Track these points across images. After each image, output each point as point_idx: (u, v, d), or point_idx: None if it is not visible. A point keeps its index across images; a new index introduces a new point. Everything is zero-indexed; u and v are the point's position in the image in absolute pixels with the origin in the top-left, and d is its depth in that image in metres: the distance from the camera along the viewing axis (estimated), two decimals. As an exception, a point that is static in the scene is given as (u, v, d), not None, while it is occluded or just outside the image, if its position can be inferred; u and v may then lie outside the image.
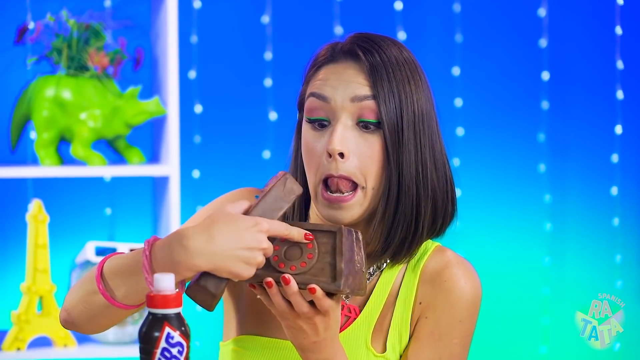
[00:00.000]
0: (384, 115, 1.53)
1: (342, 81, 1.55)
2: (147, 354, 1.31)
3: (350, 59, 1.58)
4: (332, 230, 1.43)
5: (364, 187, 1.53)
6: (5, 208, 3.14)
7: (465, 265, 1.60)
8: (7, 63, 2.76)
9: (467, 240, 3.42)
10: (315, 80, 1.58)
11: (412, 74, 1.59)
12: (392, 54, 1.59)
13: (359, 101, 1.54)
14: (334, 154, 1.52)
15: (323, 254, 1.42)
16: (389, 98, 1.55)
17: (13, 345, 2.62)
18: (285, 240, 1.43)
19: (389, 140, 1.54)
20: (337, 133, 1.52)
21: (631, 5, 3.44)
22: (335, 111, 1.54)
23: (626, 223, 3.48)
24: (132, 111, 2.68)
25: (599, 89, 3.49)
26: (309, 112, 1.56)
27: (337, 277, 1.41)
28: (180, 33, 2.69)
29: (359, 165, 1.53)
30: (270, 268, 1.42)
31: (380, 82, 1.55)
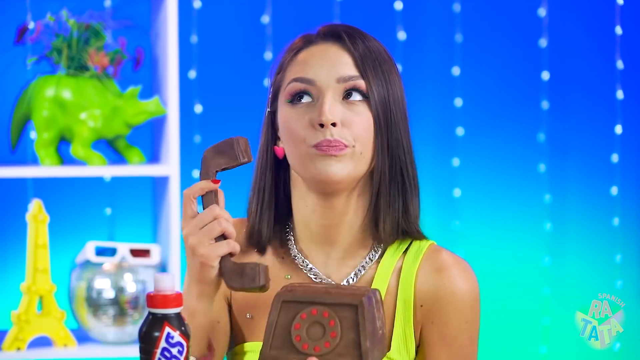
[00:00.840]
0: (374, 92, 1.53)
1: (327, 61, 1.54)
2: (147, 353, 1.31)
3: (332, 40, 1.57)
4: (354, 303, 1.39)
5: (353, 146, 1.52)
6: (5, 208, 3.14)
7: (462, 265, 1.60)
8: (7, 63, 2.76)
9: (467, 240, 3.42)
10: (295, 65, 1.56)
11: (391, 64, 1.59)
12: (373, 42, 1.58)
13: (345, 82, 1.53)
14: (327, 123, 1.50)
15: (346, 330, 1.39)
16: (375, 76, 1.54)
17: (13, 345, 2.62)
18: (306, 317, 1.40)
19: (380, 112, 1.54)
20: (327, 105, 1.51)
21: (631, 5, 3.43)
22: (321, 90, 1.53)
23: (626, 223, 3.48)
24: (132, 111, 2.68)
25: (599, 89, 3.49)
26: (291, 94, 1.55)
27: (362, 356, 1.38)
28: (180, 33, 2.69)
29: (350, 132, 1.52)
30: (294, 349, 1.40)
31: (366, 60, 1.54)
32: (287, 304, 1.41)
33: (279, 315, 1.41)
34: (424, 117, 3.44)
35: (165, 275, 1.32)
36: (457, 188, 3.44)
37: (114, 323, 2.67)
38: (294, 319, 1.40)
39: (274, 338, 1.41)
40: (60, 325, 2.66)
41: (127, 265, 2.69)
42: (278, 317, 1.41)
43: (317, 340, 1.40)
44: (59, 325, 2.65)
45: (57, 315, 2.65)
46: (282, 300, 1.41)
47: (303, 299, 1.41)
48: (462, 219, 3.45)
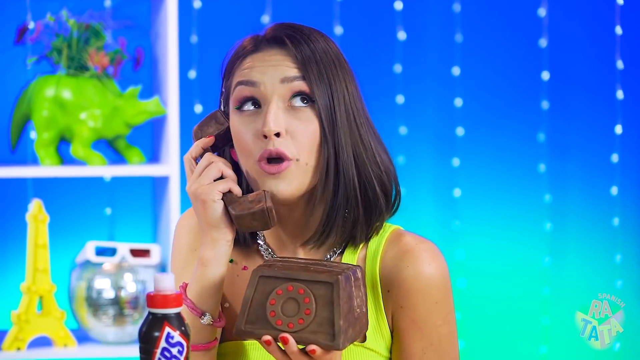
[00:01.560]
0: (316, 94, 1.53)
1: (270, 65, 1.55)
2: (147, 353, 1.31)
3: (276, 45, 1.57)
4: (329, 281, 1.39)
5: (298, 160, 1.52)
6: (5, 208, 3.14)
7: (425, 246, 1.57)
8: (7, 63, 2.76)
9: (467, 240, 3.42)
10: (241, 70, 1.57)
11: (338, 61, 1.57)
12: (318, 41, 1.57)
13: (289, 82, 1.53)
14: (270, 134, 1.51)
15: (320, 307, 1.39)
16: (319, 79, 1.54)
17: (13, 345, 2.62)
18: (282, 293, 1.40)
19: (324, 117, 1.53)
20: (271, 114, 1.51)
21: (631, 5, 3.43)
22: (265, 95, 1.53)
23: (626, 223, 3.48)
24: (132, 111, 2.68)
25: (599, 89, 3.49)
26: (238, 100, 1.55)
27: (335, 335, 1.39)
28: (180, 33, 2.69)
29: (295, 143, 1.52)
30: (268, 324, 1.40)
31: (309, 64, 1.54)
32: (264, 279, 1.42)
33: (255, 290, 1.42)
34: (424, 117, 3.44)
35: (165, 275, 1.32)
36: (457, 188, 3.44)
37: (114, 323, 2.67)
38: (270, 294, 1.41)
39: (249, 313, 1.41)
40: (60, 325, 2.66)
41: (127, 265, 2.69)
42: (254, 292, 1.42)
43: (291, 317, 1.40)
44: (59, 325, 2.65)
45: (57, 315, 2.65)
46: (260, 275, 1.42)
47: (280, 275, 1.41)
48: (462, 219, 3.45)
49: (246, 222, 1.51)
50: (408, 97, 3.37)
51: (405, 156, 3.40)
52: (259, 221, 1.50)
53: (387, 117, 3.37)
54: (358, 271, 1.45)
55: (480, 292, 3.44)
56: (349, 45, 3.34)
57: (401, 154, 3.39)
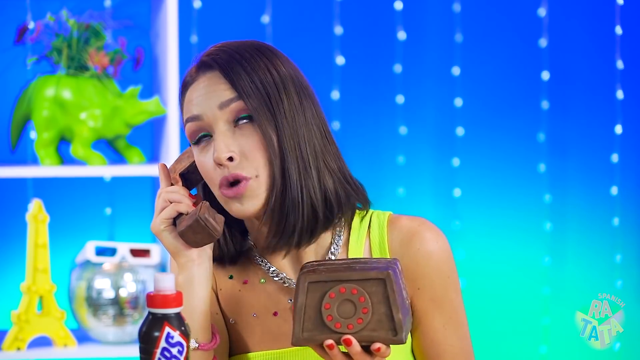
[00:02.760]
0: (252, 108, 1.53)
1: (205, 95, 1.56)
2: (147, 353, 1.31)
3: (205, 70, 1.58)
4: (381, 277, 1.40)
5: (257, 176, 1.53)
6: (5, 208, 3.14)
7: (427, 225, 1.62)
8: (7, 63, 2.76)
9: (467, 240, 3.42)
10: (185, 106, 1.60)
11: (268, 55, 1.58)
12: (243, 46, 1.59)
13: (226, 106, 1.54)
14: (222, 161, 1.53)
15: (376, 304, 1.40)
16: (253, 90, 1.54)
17: (13, 345, 2.62)
18: (335, 296, 1.41)
19: (267, 127, 1.53)
20: (219, 142, 1.54)
21: (631, 5, 3.43)
22: (211, 124, 1.55)
23: (626, 223, 3.48)
24: (132, 111, 2.68)
25: (599, 89, 3.49)
26: (191, 136, 1.58)
27: (397, 329, 1.40)
28: (180, 33, 2.69)
29: (248, 162, 1.53)
30: (326, 329, 1.41)
31: (238, 78, 1.55)
32: (314, 284, 1.42)
33: (307, 297, 1.41)
34: (424, 117, 3.44)
35: (165, 275, 1.32)
36: (457, 188, 3.44)
37: (114, 323, 2.67)
38: (323, 299, 1.41)
39: (305, 320, 1.41)
40: (60, 325, 2.66)
41: (127, 265, 2.69)
42: (306, 299, 1.41)
43: (349, 318, 1.40)
44: (59, 325, 2.65)
45: (57, 315, 2.65)
46: (309, 282, 1.42)
47: (329, 278, 1.41)
48: (462, 219, 3.44)
49: (190, 237, 1.53)
50: (408, 97, 3.37)
51: (405, 156, 3.40)
52: (201, 233, 1.52)
53: (387, 117, 3.37)
54: (398, 264, 1.46)
55: (480, 292, 3.44)
56: (349, 45, 3.35)
57: (401, 154, 3.39)
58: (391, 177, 3.38)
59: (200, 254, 1.55)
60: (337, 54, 3.31)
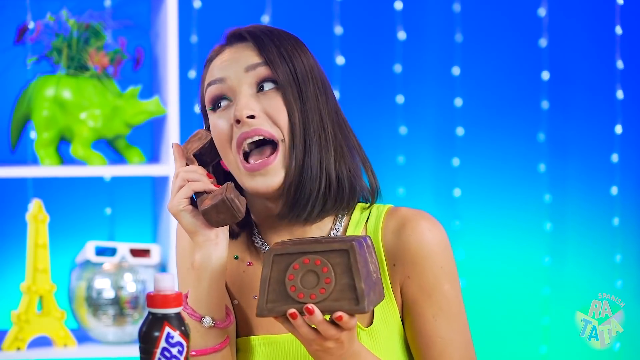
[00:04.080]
0: (279, 74, 1.55)
1: (232, 60, 1.58)
2: (147, 353, 1.31)
3: (234, 42, 1.61)
4: (344, 248, 1.41)
5: (283, 140, 1.54)
6: (5, 208, 3.14)
7: (422, 214, 1.61)
8: (7, 63, 2.76)
9: (467, 240, 3.42)
10: (208, 74, 1.61)
11: (296, 42, 1.61)
12: (274, 29, 1.61)
13: (252, 69, 1.56)
14: (242, 118, 1.53)
15: (339, 275, 1.40)
16: (280, 60, 1.56)
17: (13, 345, 2.62)
18: (299, 267, 1.41)
19: (291, 97, 1.55)
20: (242, 101, 1.54)
21: (631, 5, 3.44)
22: (233, 87, 1.56)
23: (626, 223, 3.48)
24: (132, 111, 2.68)
25: (599, 89, 3.49)
26: (211, 101, 1.59)
27: (359, 298, 1.40)
28: (180, 33, 2.69)
29: (268, 120, 1.54)
30: (290, 299, 1.41)
31: (269, 47, 1.57)
32: (279, 257, 1.42)
33: (271, 269, 1.42)
34: (424, 117, 3.45)
35: (165, 275, 1.32)
36: (457, 188, 3.44)
37: (114, 323, 2.67)
38: (287, 270, 1.41)
39: (269, 292, 1.42)
40: (60, 325, 2.66)
41: (127, 265, 2.69)
42: (271, 270, 1.42)
43: (312, 289, 1.41)
44: (59, 325, 2.65)
45: (57, 315, 2.65)
46: (274, 254, 1.42)
47: (294, 250, 1.42)
48: (462, 219, 3.45)
49: (213, 217, 1.53)
50: (408, 97, 3.37)
51: (405, 156, 3.40)
52: (224, 213, 1.52)
53: (387, 117, 3.37)
54: (368, 239, 1.46)
55: (480, 292, 3.44)
56: (349, 45, 3.35)
57: (401, 154, 3.39)
58: (391, 177, 3.39)
59: (218, 233, 1.56)
60: (337, 54, 3.31)
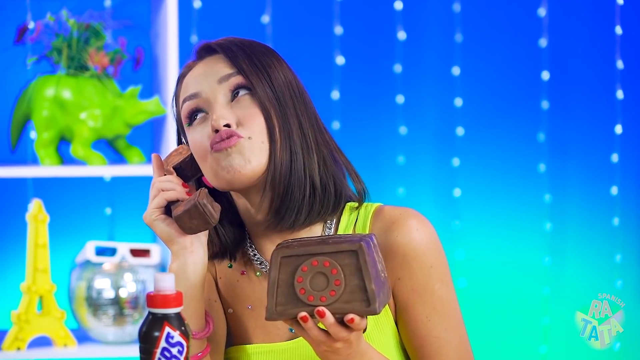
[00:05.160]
0: (252, 80, 1.54)
1: (205, 74, 1.57)
2: (147, 353, 1.31)
3: (205, 55, 1.60)
4: (353, 249, 1.40)
5: (250, 138, 1.53)
6: (5, 208, 3.14)
7: (409, 213, 1.59)
8: (7, 63, 2.76)
9: (467, 240, 3.42)
10: (182, 91, 1.60)
11: (269, 51, 1.60)
12: (245, 40, 1.60)
13: (225, 80, 1.56)
14: (219, 126, 1.53)
15: (349, 276, 1.39)
16: (252, 68, 1.56)
17: (13, 345, 2.62)
18: (307, 269, 1.40)
19: (265, 99, 1.54)
20: (217, 111, 1.54)
21: (631, 5, 3.44)
22: (208, 99, 1.56)
23: (626, 223, 3.48)
24: (132, 111, 2.68)
25: (599, 89, 3.49)
26: (187, 116, 1.58)
27: (370, 300, 1.39)
28: (180, 33, 2.69)
29: (244, 129, 1.53)
30: (300, 302, 1.40)
31: (240, 57, 1.56)
32: (286, 259, 1.41)
33: (279, 271, 1.41)
34: (424, 117, 3.44)
35: (165, 275, 1.32)
36: (457, 188, 3.44)
37: (113, 323, 2.67)
38: (295, 272, 1.40)
39: (277, 295, 1.41)
40: (60, 325, 2.66)
41: (127, 265, 2.69)
42: (279, 273, 1.41)
43: (322, 291, 1.40)
44: (59, 325, 2.65)
45: (57, 315, 2.65)
46: (281, 257, 1.41)
47: (302, 252, 1.41)
48: (462, 219, 3.45)
49: (186, 223, 1.52)
50: (408, 97, 3.37)
51: (405, 156, 3.40)
52: (197, 219, 1.51)
53: (387, 117, 3.37)
54: (374, 237, 1.45)
55: (480, 292, 3.44)
56: (349, 45, 3.35)
57: (401, 154, 3.39)
58: (391, 177, 3.39)
59: (194, 241, 1.55)
60: (337, 54, 3.31)
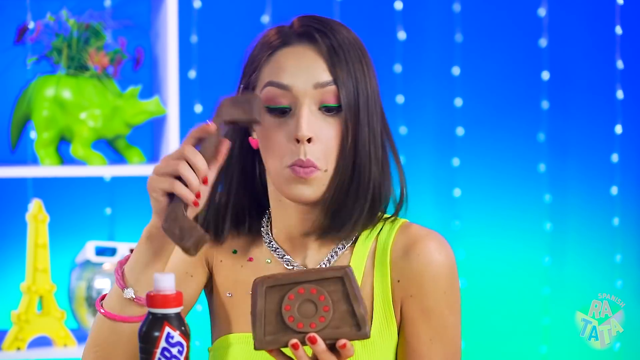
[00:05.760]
0: (344, 99, 1.54)
1: (302, 67, 1.55)
2: (147, 353, 1.31)
3: (307, 41, 1.58)
4: (338, 275, 1.40)
5: (325, 170, 1.53)
6: (5, 208, 3.14)
7: (434, 236, 1.59)
8: (7, 63, 2.76)
9: (467, 240, 3.42)
10: (271, 68, 1.57)
11: (362, 55, 1.59)
12: (344, 35, 1.59)
13: (321, 87, 1.54)
14: (303, 139, 1.51)
15: (337, 302, 1.40)
16: (347, 81, 1.55)
17: (13, 345, 2.62)
18: (294, 297, 1.40)
19: (348, 122, 1.54)
20: (304, 118, 1.52)
21: (631, 5, 3.44)
22: (297, 97, 1.54)
23: (626, 223, 3.48)
24: (132, 111, 2.68)
25: (599, 89, 3.49)
26: (268, 100, 1.55)
27: (360, 324, 1.39)
28: (180, 33, 2.69)
29: (322, 149, 1.53)
30: (289, 330, 1.39)
31: (339, 65, 1.55)
32: (272, 288, 1.41)
33: (265, 301, 1.41)
34: (424, 117, 3.44)
35: (165, 275, 1.32)
36: (457, 188, 3.44)
37: (114, 323, 2.67)
38: (282, 301, 1.40)
39: (266, 324, 1.40)
40: (60, 325, 2.66)
41: (127, 265, 2.69)
42: (265, 303, 1.40)
43: (311, 317, 1.39)
44: (59, 325, 2.65)
45: (57, 315, 2.65)
46: (266, 287, 1.41)
47: (286, 282, 1.40)
48: (462, 219, 3.45)
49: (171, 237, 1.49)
50: (408, 97, 3.37)
51: (405, 156, 3.40)
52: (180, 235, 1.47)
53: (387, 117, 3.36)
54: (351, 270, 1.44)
55: (480, 292, 3.44)
56: (349, 45, 3.34)
57: (401, 154, 3.37)
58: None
59: None
60: (337, 54, 3.31)
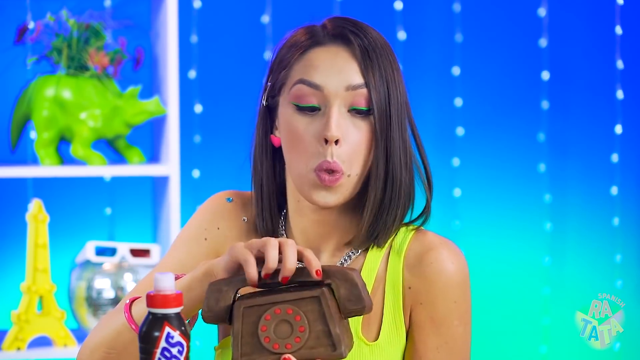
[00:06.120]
0: (374, 103, 1.54)
1: (335, 68, 1.55)
2: (147, 353, 1.31)
3: (341, 42, 1.58)
4: (315, 295, 1.39)
5: (349, 175, 1.53)
6: (5, 208, 3.14)
7: (449, 245, 1.59)
8: (7, 63, 2.76)
9: (467, 240, 3.42)
10: (303, 66, 1.57)
11: (393, 59, 1.59)
12: (376, 37, 1.59)
13: (353, 90, 1.53)
14: (331, 140, 1.51)
15: (313, 322, 1.39)
16: (379, 85, 1.55)
17: (13, 345, 2.62)
18: (270, 318, 1.39)
19: (379, 127, 1.54)
20: (334, 119, 1.52)
21: (631, 5, 3.44)
22: (328, 98, 1.53)
23: (626, 223, 3.48)
24: (132, 111, 2.68)
25: (599, 89, 3.49)
26: (298, 98, 1.54)
27: (336, 344, 1.38)
28: (180, 33, 2.69)
29: (349, 152, 1.52)
30: (265, 351, 1.39)
31: (372, 69, 1.55)
32: (249, 309, 1.40)
33: (242, 322, 1.40)
34: (424, 117, 3.44)
35: (165, 275, 1.32)
36: (457, 188, 3.44)
37: (114, 323, 2.67)
38: (259, 322, 1.39)
39: (242, 345, 1.40)
40: (60, 325, 2.66)
41: (127, 265, 2.69)
42: (242, 324, 1.40)
43: (286, 338, 1.39)
44: (59, 325, 2.65)
45: (57, 315, 2.65)
46: (243, 307, 1.40)
47: (263, 302, 1.40)
48: (462, 219, 3.45)
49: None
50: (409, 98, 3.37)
51: (405, 156, 3.40)
52: None
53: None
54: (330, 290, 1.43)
55: (480, 292, 3.44)
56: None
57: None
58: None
59: None
60: (337, 54, 3.31)
